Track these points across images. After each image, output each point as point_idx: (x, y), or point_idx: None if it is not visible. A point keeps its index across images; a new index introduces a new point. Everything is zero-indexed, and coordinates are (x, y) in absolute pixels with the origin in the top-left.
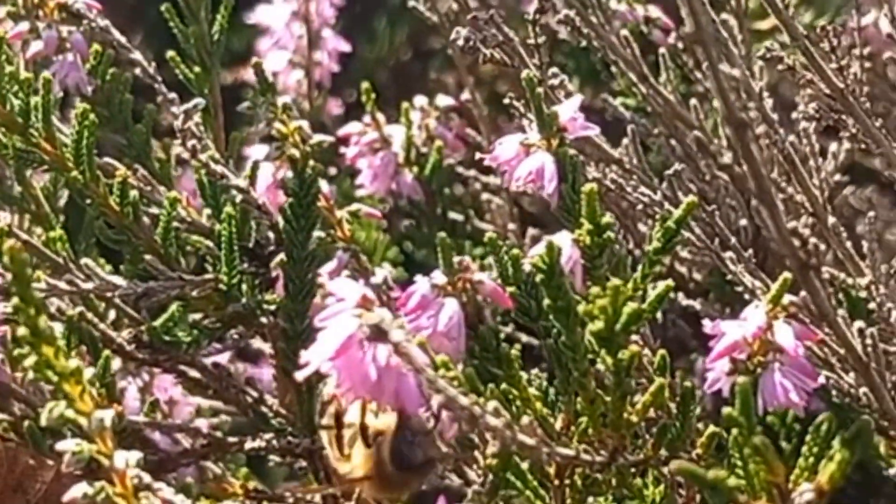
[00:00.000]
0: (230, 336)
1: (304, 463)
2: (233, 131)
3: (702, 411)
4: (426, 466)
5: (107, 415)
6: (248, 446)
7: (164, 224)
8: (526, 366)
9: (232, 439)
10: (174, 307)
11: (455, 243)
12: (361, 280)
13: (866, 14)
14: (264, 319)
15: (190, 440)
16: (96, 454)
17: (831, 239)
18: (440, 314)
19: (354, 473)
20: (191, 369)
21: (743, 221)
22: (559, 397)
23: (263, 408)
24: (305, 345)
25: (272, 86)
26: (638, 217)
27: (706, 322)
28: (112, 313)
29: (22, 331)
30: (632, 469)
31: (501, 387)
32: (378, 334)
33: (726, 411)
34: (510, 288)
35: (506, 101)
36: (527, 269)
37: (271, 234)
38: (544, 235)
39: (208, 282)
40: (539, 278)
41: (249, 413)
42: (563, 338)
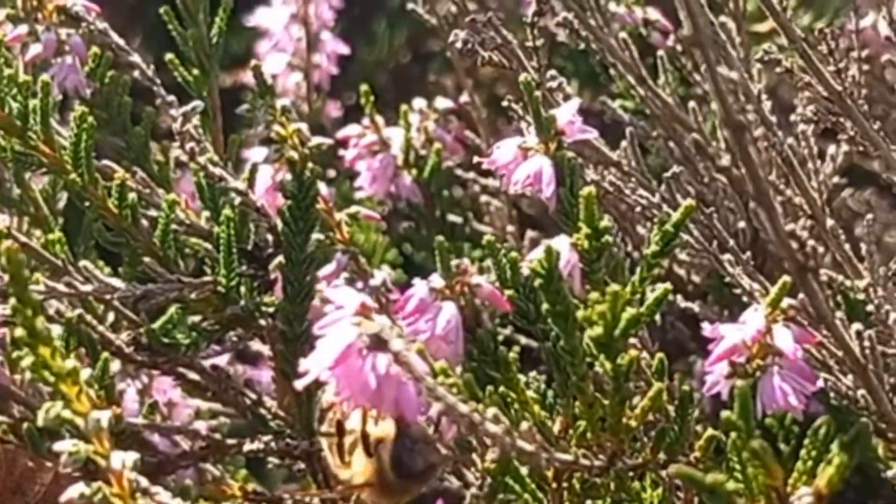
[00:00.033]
0: (229, 338)
1: (303, 465)
2: (232, 134)
3: (700, 414)
4: (426, 473)
5: (103, 415)
6: (247, 448)
7: (163, 226)
8: (524, 368)
9: (231, 441)
10: (173, 309)
11: (454, 246)
12: (360, 283)
13: (864, 16)
14: (263, 322)
15: (189, 442)
16: (93, 455)
17: (829, 241)
18: (438, 318)
19: (355, 480)
20: (189, 371)
21: (741, 224)
22: (557, 400)
23: (262, 410)
24: (304, 347)
25: (271, 88)
26: (636, 219)
27: (705, 325)
28: (111, 315)
29: (19, 332)
30: (630, 473)
31: (500, 390)
32: (378, 343)
33: (725, 415)
34: (508, 291)
35: (504, 104)
36: (525, 273)
37: (270, 237)
38: (543, 238)
39: (207, 284)
40: (538, 283)
41: (248, 415)
42: (562, 342)
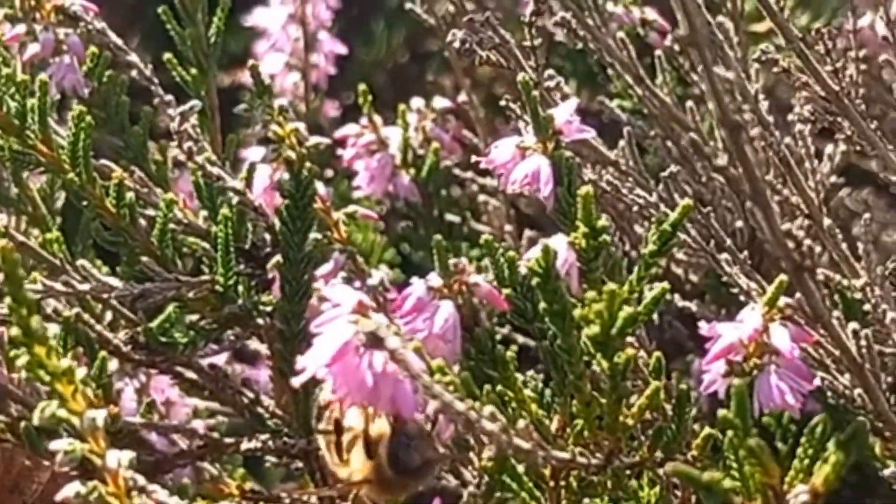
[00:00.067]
0: (227, 337)
1: (301, 464)
2: (230, 134)
3: (698, 413)
4: (424, 469)
5: (99, 414)
6: (245, 447)
7: (161, 226)
8: (522, 367)
9: (228, 440)
10: (171, 308)
11: (451, 245)
12: (358, 282)
13: (862, 16)
14: (261, 321)
15: (186, 441)
16: (88, 454)
17: (826, 241)
18: (436, 316)
19: (353, 477)
20: (187, 370)
21: (739, 223)
22: (555, 399)
23: (260, 409)
24: (302, 346)
25: (269, 88)
26: (634, 219)
27: (702, 324)
28: (109, 315)
29: (14, 331)
30: (627, 471)
31: (497, 389)
32: (374, 341)
33: (722, 413)
34: (506, 290)
35: (502, 104)
36: (523, 272)
37: (268, 236)
38: (541, 237)
39: (205, 283)
40: (535, 282)
41: (246, 414)
42: (559, 341)
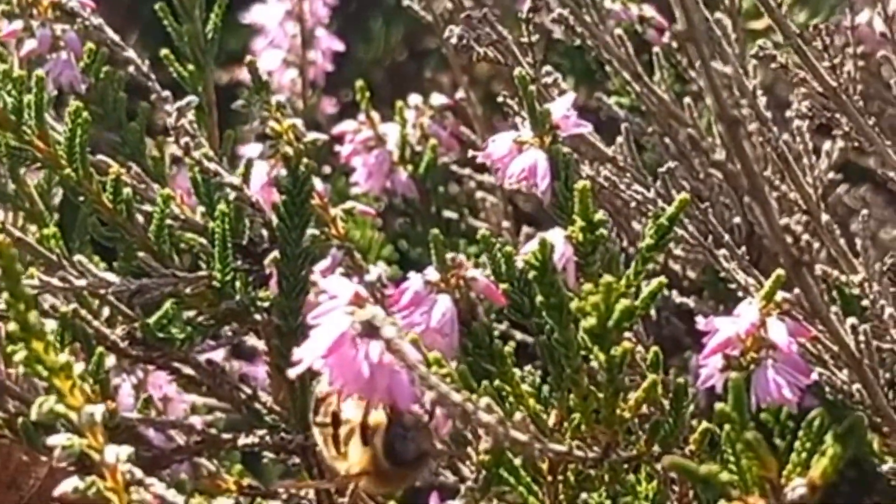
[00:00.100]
0: (224, 333)
1: (298, 459)
2: (227, 130)
3: (695, 408)
4: (420, 460)
5: (97, 409)
6: (242, 442)
7: (158, 221)
8: (520, 363)
9: (226, 436)
10: (168, 304)
11: (449, 241)
12: (355, 278)
13: (860, 13)
14: (258, 316)
15: (184, 437)
16: (87, 449)
17: (825, 236)
18: (433, 311)
19: (351, 470)
20: (184, 366)
21: (736, 219)
22: (552, 394)
23: (257, 404)
24: (299, 342)
25: (266, 84)
26: (632, 215)
27: (699, 318)
28: (106, 311)
29: (12, 326)
30: (625, 465)
31: (495, 383)
32: (370, 331)
33: (719, 407)
34: (503, 285)
35: (500, 99)
36: (520, 266)
37: (265, 232)
38: (538, 234)
39: (202, 279)
40: (532, 275)
41: (243, 410)
42: (556, 334)
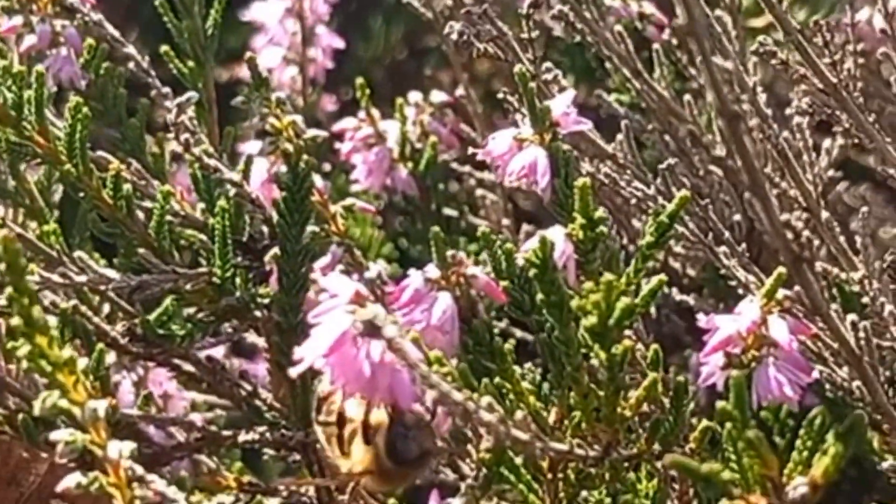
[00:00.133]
0: (224, 330)
1: (298, 456)
2: (227, 127)
3: (695, 407)
4: (422, 459)
5: (100, 405)
6: (242, 439)
7: (158, 217)
8: (519, 361)
9: (226, 433)
10: (168, 301)
11: (449, 239)
12: (355, 275)
13: (859, 11)
14: (258, 313)
15: (184, 434)
16: (90, 444)
17: (825, 234)
18: (433, 308)
19: (354, 468)
20: (185, 363)
21: (736, 217)
22: (552, 392)
23: (257, 401)
24: (299, 338)
25: (266, 80)
26: (632, 213)
27: (700, 316)
28: (106, 307)
29: (15, 321)
30: (625, 464)
31: (495, 381)
32: (372, 330)
33: (720, 405)
34: (503, 282)
35: (500, 96)
36: (520, 264)
37: (265, 228)
38: (538, 232)
39: (202, 275)
40: (532, 273)
41: (243, 406)
42: (557, 332)
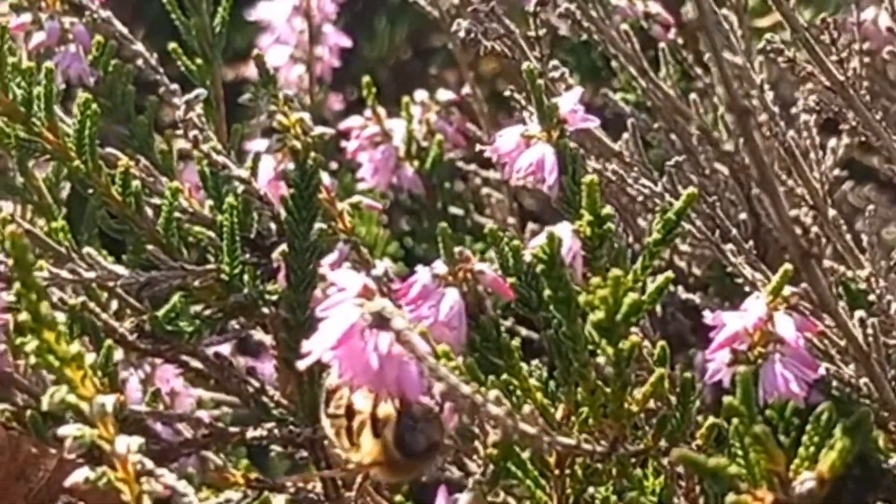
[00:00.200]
0: (231, 327)
1: (305, 453)
2: (234, 125)
3: (701, 405)
4: (431, 451)
5: (108, 400)
6: (250, 435)
7: (166, 214)
8: (525, 359)
9: (233, 429)
10: (176, 297)
11: (455, 238)
12: (362, 272)
13: (865, 10)
14: (266, 310)
15: (191, 430)
16: (98, 439)
17: (831, 231)
18: (441, 304)
19: (363, 461)
20: (193, 359)
21: (742, 215)
22: (559, 388)
23: (265, 398)
24: (307, 335)
25: (274, 78)
26: (637, 212)
27: (707, 313)
28: (114, 304)
29: (23, 316)
30: (632, 459)
31: (502, 377)
32: (380, 322)
33: (727, 401)
34: (510, 279)
35: (506, 94)
36: (527, 260)
37: (273, 225)
38: (544, 230)
39: (210, 272)
40: (540, 269)
41: (251, 403)
42: (564, 328)
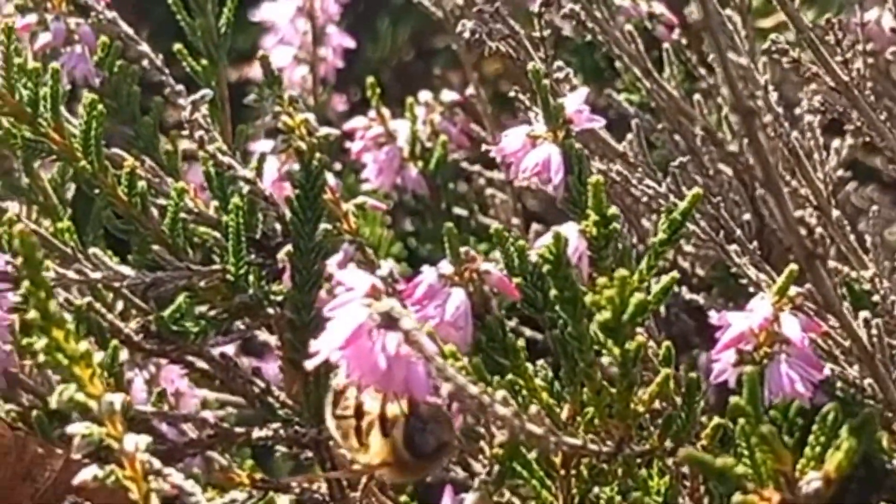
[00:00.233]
0: (236, 327)
1: (311, 453)
2: (238, 126)
3: (705, 405)
4: (440, 451)
5: (116, 398)
6: (256, 436)
7: (172, 214)
8: (530, 359)
9: (239, 430)
10: (181, 298)
11: (459, 238)
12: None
13: (869, 11)
14: (271, 310)
15: (196, 431)
16: (106, 437)
17: (835, 232)
18: (447, 304)
19: (373, 461)
20: (198, 360)
21: (746, 216)
22: (565, 388)
23: (270, 398)
24: (312, 335)
25: (278, 78)
26: (641, 213)
27: (712, 313)
28: (120, 304)
29: (32, 314)
30: (638, 460)
31: (508, 377)
32: (389, 322)
33: (734, 401)
34: (516, 279)
35: (511, 94)
36: (533, 260)
37: (278, 226)
38: (548, 231)
39: (216, 272)
40: (546, 269)
41: (256, 403)
42: (570, 328)
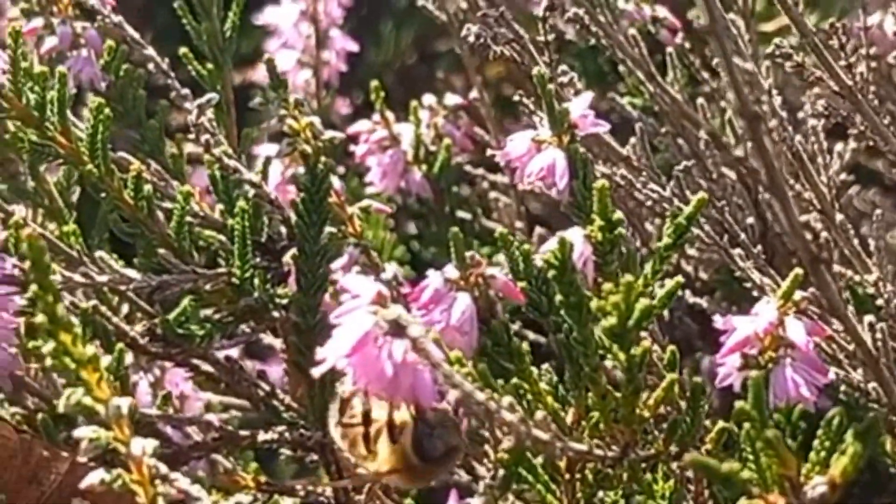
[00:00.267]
0: (241, 330)
1: (315, 456)
2: (243, 129)
3: (709, 409)
4: (449, 455)
5: (124, 402)
6: (261, 439)
7: (178, 218)
8: (534, 363)
9: (244, 433)
10: (187, 301)
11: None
12: (371, 276)
13: (871, 15)
14: (276, 313)
15: (201, 434)
16: (113, 441)
17: (839, 236)
18: (453, 308)
19: (382, 468)
20: (203, 363)
21: (750, 220)
22: (570, 392)
23: (275, 402)
24: (317, 338)
25: (284, 82)
26: (645, 217)
27: (717, 317)
28: (125, 308)
29: (40, 318)
30: (643, 464)
31: (513, 382)
32: (396, 329)
33: (739, 405)
34: (521, 283)
35: (515, 99)
36: (538, 265)
37: (283, 229)
38: (551, 235)
39: (221, 276)
40: (551, 274)
41: (261, 406)
42: (575, 333)
